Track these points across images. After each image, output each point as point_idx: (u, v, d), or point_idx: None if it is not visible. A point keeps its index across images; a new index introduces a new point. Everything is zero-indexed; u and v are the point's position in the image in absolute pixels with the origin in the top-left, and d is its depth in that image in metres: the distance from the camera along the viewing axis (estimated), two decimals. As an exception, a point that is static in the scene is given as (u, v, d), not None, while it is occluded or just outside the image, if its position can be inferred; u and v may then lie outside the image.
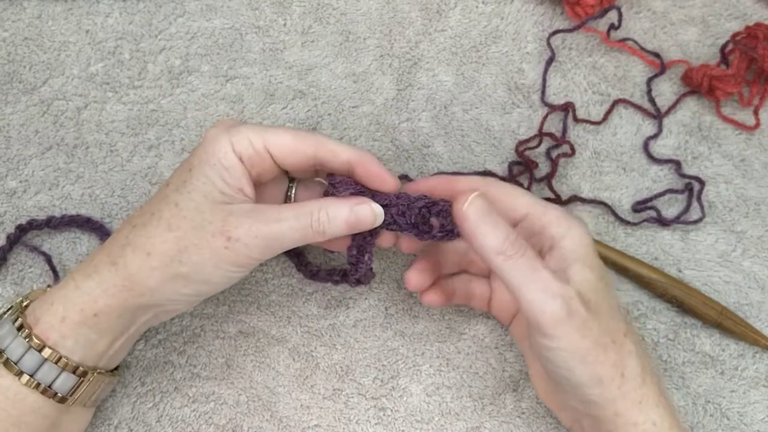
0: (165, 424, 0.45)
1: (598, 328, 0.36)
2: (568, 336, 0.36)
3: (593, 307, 0.37)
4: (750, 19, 0.55)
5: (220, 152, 0.38)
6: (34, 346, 0.38)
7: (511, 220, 0.39)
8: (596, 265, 0.38)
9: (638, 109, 0.53)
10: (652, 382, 0.38)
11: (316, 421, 0.46)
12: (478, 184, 0.40)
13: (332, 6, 0.54)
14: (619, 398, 0.37)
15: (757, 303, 0.49)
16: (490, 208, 0.37)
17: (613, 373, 0.37)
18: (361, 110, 0.52)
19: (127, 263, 0.38)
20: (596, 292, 0.37)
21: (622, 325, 0.38)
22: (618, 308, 0.39)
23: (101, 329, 0.38)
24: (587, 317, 0.36)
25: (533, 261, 0.36)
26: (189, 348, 0.47)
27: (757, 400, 0.47)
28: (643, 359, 0.38)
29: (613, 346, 0.37)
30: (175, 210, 0.38)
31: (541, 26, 0.55)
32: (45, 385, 0.38)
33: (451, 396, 0.46)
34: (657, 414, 0.38)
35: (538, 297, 0.36)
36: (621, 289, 0.49)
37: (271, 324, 0.47)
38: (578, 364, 0.36)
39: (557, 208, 0.40)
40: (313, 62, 0.53)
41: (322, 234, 0.38)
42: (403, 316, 0.48)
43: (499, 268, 0.36)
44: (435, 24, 0.54)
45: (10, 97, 0.51)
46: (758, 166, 0.52)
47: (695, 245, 0.50)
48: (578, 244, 0.38)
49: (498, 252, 0.36)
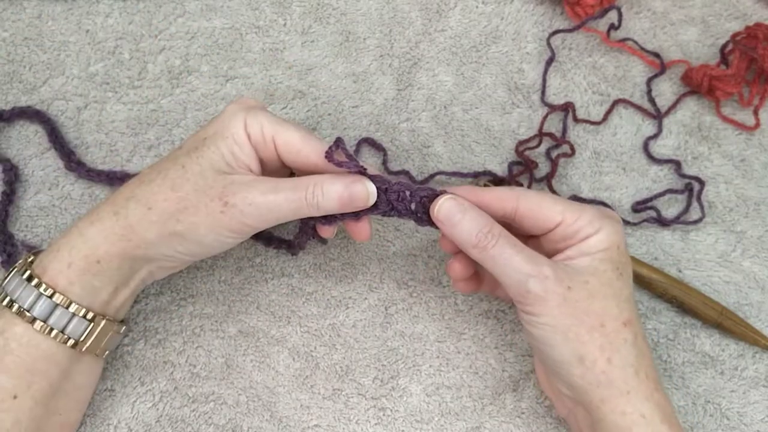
0: (165, 424, 0.45)
1: (587, 309, 0.38)
2: (548, 312, 0.38)
3: (589, 289, 0.38)
4: (750, 19, 0.55)
5: (235, 128, 0.40)
6: (44, 293, 0.39)
7: (545, 228, 0.40)
8: (615, 259, 0.39)
9: (638, 109, 0.53)
10: (648, 377, 0.38)
11: (315, 421, 0.46)
12: (507, 195, 0.41)
13: (332, 6, 0.54)
14: (603, 384, 0.38)
15: (757, 303, 0.49)
16: (460, 206, 0.40)
17: (597, 356, 0.38)
18: (361, 110, 0.52)
19: (128, 214, 0.39)
20: (599, 276, 0.38)
21: (625, 314, 0.39)
22: (627, 300, 0.39)
23: (103, 277, 0.40)
24: (568, 296, 0.38)
25: (506, 247, 0.39)
26: (189, 348, 0.47)
27: (756, 400, 0.47)
28: (641, 353, 0.39)
29: (602, 329, 0.38)
30: (181, 172, 0.40)
31: (541, 26, 0.55)
32: (58, 330, 0.39)
33: (451, 396, 0.46)
34: (647, 407, 0.38)
35: (514, 278, 0.38)
36: (621, 289, 0.49)
37: (271, 324, 0.47)
38: (560, 341, 0.38)
39: (590, 209, 0.40)
40: (313, 62, 0.53)
41: (316, 208, 0.39)
42: (403, 316, 0.48)
43: (479, 259, 0.39)
44: (435, 24, 0.54)
45: (10, 97, 0.51)
46: (758, 166, 0.52)
47: (695, 245, 0.50)
48: (603, 241, 0.39)
49: (473, 245, 0.39)
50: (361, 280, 0.49)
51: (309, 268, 0.49)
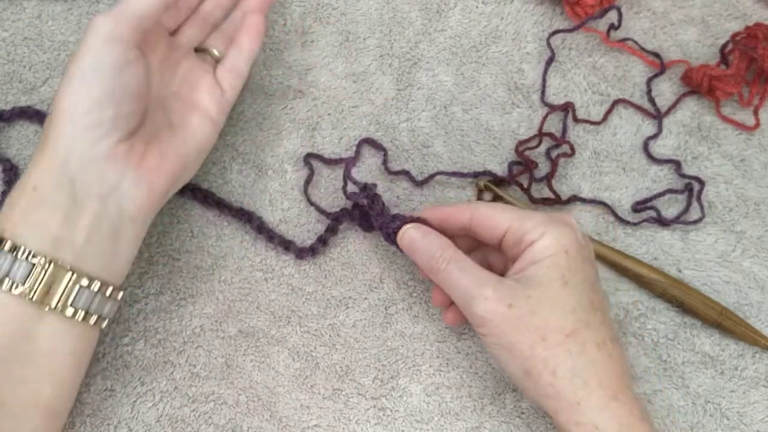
0: (165, 424, 0.45)
1: (527, 324, 0.38)
2: (492, 332, 0.39)
3: (531, 303, 0.38)
4: (750, 19, 0.55)
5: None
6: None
7: (496, 237, 0.41)
8: (563, 265, 0.39)
9: (638, 109, 0.53)
10: (603, 386, 0.38)
11: (315, 421, 0.46)
12: (462, 208, 0.43)
13: (332, 6, 0.54)
14: (552, 396, 0.38)
15: (757, 303, 0.49)
16: (419, 233, 0.42)
17: (542, 369, 0.38)
18: (361, 110, 0.52)
19: (47, 129, 0.38)
20: (543, 288, 0.39)
21: (569, 324, 0.38)
22: (573, 310, 0.39)
23: (45, 204, 0.37)
24: (509, 313, 0.38)
25: (454, 270, 0.40)
26: (188, 348, 0.47)
27: (756, 400, 0.47)
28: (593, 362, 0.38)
29: (543, 343, 0.38)
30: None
31: (541, 26, 0.55)
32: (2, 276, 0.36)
33: (451, 396, 0.46)
34: (601, 417, 0.37)
35: (461, 300, 0.40)
36: (621, 289, 0.49)
37: (271, 324, 0.47)
38: (507, 358, 0.39)
39: (537, 215, 0.40)
40: (312, 62, 0.53)
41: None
42: (403, 316, 0.48)
43: (436, 282, 0.42)
44: (435, 24, 0.54)
45: (10, 97, 0.51)
46: (758, 166, 0.52)
47: (695, 245, 0.50)
48: (548, 247, 0.39)
49: (428, 269, 0.42)
50: (361, 280, 0.49)
51: (309, 268, 0.49)
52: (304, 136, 0.51)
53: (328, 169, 0.51)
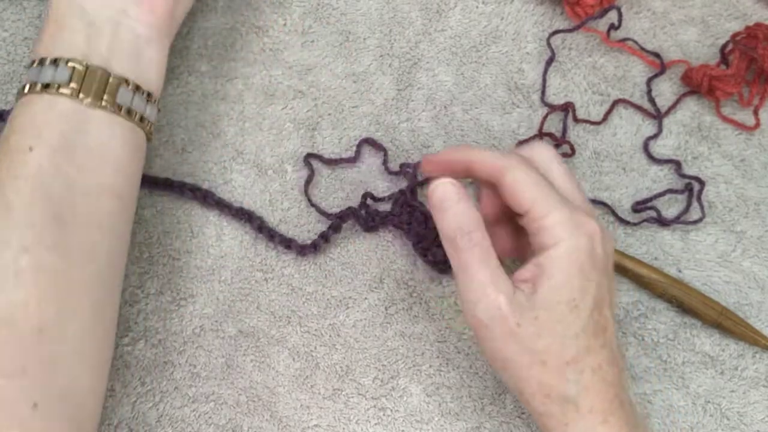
0: (165, 424, 0.45)
1: (530, 347, 0.37)
2: (490, 344, 0.38)
3: (538, 325, 0.37)
4: (750, 19, 0.55)
5: None
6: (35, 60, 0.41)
7: (519, 211, 0.39)
8: (576, 286, 0.37)
9: (638, 109, 0.53)
10: (594, 411, 0.37)
11: (315, 421, 0.46)
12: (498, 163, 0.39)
13: (332, 6, 0.54)
14: (545, 415, 0.38)
15: (757, 303, 0.49)
16: (453, 194, 0.39)
17: (536, 390, 0.38)
18: (361, 110, 0.52)
19: None
20: (550, 311, 0.37)
21: (570, 351, 0.37)
22: (576, 336, 0.37)
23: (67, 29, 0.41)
24: (515, 332, 0.37)
25: (476, 260, 0.38)
26: (189, 348, 0.47)
27: (757, 400, 0.47)
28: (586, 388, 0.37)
29: (542, 368, 0.37)
30: None
31: (541, 26, 0.55)
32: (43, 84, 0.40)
33: (451, 396, 0.47)
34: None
35: (468, 291, 0.38)
36: (621, 289, 0.49)
37: (271, 324, 0.47)
38: (499, 369, 0.39)
39: (561, 212, 0.37)
40: (313, 62, 0.53)
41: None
42: (403, 316, 0.48)
43: (448, 254, 0.39)
44: (435, 24, 0.54)
45: (10, 97, 0.51)
46: (758, 166, 0.52)
47: (695, 245, 0.50)
48: (561, 258, 0.37)
49: (449, 239, 0.39)
50: (361, 280, 0.49)
51: (309, 268, 0.49)
52: (304, 136, 0.51)
53: (328, 169, 0.51)
